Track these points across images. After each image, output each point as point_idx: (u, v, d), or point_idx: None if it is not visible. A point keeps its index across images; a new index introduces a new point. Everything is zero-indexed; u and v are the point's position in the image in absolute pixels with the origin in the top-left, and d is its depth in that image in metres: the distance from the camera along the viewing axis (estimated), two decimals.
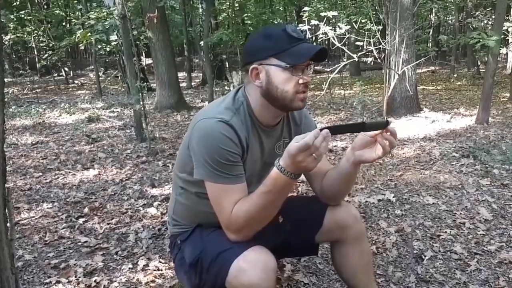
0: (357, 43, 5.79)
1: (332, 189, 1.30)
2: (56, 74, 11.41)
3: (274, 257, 1.12)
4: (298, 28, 1.14)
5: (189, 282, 1.26)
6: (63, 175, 3.36)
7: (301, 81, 1.12)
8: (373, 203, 2.60)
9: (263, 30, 1.19)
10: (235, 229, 1.14)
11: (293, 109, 1.19)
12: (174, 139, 4.54)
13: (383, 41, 5.42)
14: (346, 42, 5.79)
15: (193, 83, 10.66)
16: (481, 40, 4.39)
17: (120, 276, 1.87)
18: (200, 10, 10.96)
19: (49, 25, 11.07)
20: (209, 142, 1.12)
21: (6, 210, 1.02)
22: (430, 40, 12.75)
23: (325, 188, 1.32)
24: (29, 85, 9.86)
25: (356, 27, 5.74)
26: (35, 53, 10.55)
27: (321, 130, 0.98)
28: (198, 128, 1.15)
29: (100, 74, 10.49)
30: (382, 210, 2.52)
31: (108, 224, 2.42)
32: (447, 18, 15.21)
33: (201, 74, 11.48)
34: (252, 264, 1.07)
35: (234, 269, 1.08)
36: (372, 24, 5.50)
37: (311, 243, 1.45)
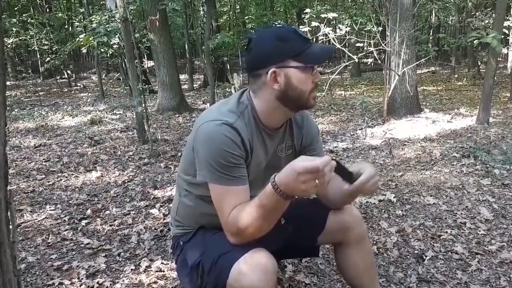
0: (358, 44, 5.81)
1: (336, 198, 1.32)
2: (58, 77, 11.45)
3: (275, 259, 1.13)
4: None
5: (191, 284, 1.26)
6: (66, 177, 3.38)
7: (315, 79, 1.16)
8: (374, 203, 2.61)
9: (273, 33, 1.16)
10: (232, 233, 1.15)
11: (307, 108, 1.22)
12: (176, 141, 4.56)
13: (383, 42, 5.43)
14: (347, 44, 5.81)
15: (194, 85, 10.68)
16: (480, 38, 4.39)
17: (122, 277, 1.88)
18: (202, 12, 11.00)
19: (51, 28, 11.11)
20: (213, 144, 1.13)
21: (8, 213, 1.03)
22: (431, 40, 12.75)
23: (329, 197, 1.33)
24: (32, 88, 9.90)
25: (357, 29, 5.75)
26: (38, 56, 10.60)
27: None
28: (202, 131, 1.16)
29: (103, 76, 10.52)
30: (383, 210, 2.53)
31: (110, 225, 2.43)
32: (447, 19, 15.21)
33: (203, 76, 11.51)
34: (253, 266, 1.07)
35: (235, 271, 1.08)
36: (372, 26, 5.51)
37: (312, 245, 1.46)
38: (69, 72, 11.60)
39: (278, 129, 1.27)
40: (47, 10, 11.90)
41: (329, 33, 5.33)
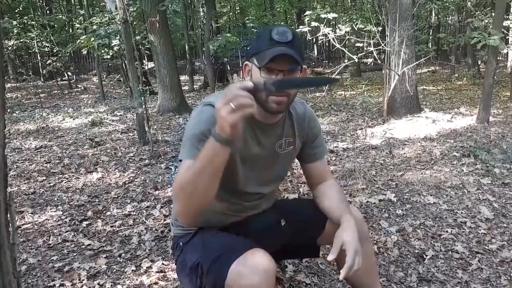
0: (357, 44, 5.81)
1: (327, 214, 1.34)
2: (59, 79, 11.46)
3: (274, 260, 1.12)
4: (287, 31, 1.12)
5: (190, 285, 1.26)
6: (67, 178, 3.38)
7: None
8: (374, 203, 2.61)
9: (261, 30, 1.24)
10: (174, 198, 1.12)
11: (268, 111, 1.17)
12: (176, 142, 4.56)
13: (383, 42, 5.44)
14: (346, 44, 5.81)
15: (195, 86, 10.68)
16: (481, 40, 4.40)
17: (123, 278, 1.88)
18: (201, 13, 11.00)
19: (52, 30, 11.12)
20: (198, 120, 1.14)
21: (8, 215, 1.03)
22: (430, 39, 12.74)
23: (321, 207, 1.34)
24: (32, 90, 9.90)
25: (356, 29, 5.75)
26: (38, 58, 10.61)
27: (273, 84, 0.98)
28: (193, 112, 1.20)
29: (103, 78, 10.53)
30: (383, 210, 2.53)
31: (111, 227, 2.44)
32: (447, 19, 15.20)
33: (203, 77, 11.52)
34: (252, 267, 1.06)
35: (233, 272, 1.08)
36: (372, 26, 5.51)
37: (312, 246, 1.45)
38: (69, 74, 11.61)
39: (274, 124, 1.25)
40: (48, 12, 11.92)
41: (328, 33, 5.34)
